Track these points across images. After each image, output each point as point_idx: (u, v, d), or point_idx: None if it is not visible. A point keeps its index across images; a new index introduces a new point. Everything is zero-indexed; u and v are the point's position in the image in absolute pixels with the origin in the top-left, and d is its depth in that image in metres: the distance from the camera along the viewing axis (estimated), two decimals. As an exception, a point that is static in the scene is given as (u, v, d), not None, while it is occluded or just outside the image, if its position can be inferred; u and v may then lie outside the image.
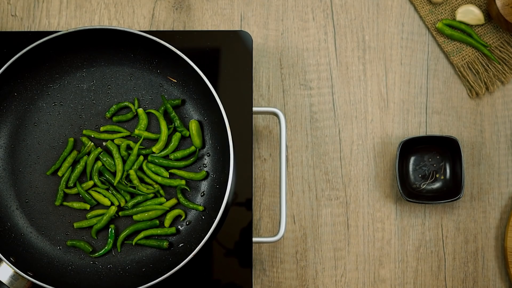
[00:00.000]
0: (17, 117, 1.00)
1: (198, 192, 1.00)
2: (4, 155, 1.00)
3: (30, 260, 0.96)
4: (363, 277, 1.05)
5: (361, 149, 1.07)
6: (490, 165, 1.07)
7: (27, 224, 0.99)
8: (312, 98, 1.07)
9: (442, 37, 1.08)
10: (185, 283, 0.99)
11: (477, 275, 1.06)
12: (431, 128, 1.07)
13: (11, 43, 1.00)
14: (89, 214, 0.99)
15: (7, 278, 0.94)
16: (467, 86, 1.08)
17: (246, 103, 1.00)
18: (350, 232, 1.06)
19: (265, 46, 1.08)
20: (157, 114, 0.99)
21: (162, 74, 1.01)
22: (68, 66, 1.00)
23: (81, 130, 1.01)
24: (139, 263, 0.99)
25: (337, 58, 1.08)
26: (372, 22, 1.09)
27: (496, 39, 1.08)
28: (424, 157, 1.06)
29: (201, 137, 1.00)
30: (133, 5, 1.08)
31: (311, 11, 1.09)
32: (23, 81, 0.99)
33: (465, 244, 1.06)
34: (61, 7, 1.08)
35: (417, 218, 1.06)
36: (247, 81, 1.01)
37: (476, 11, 1.07)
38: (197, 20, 1.08)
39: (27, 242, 0.98)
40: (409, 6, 1.09)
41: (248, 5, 1.09)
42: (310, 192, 1.06)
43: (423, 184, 1.06)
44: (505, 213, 1.06)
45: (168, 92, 1.01)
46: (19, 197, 0.99)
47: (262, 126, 1.07)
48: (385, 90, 1.08)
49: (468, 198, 1.06)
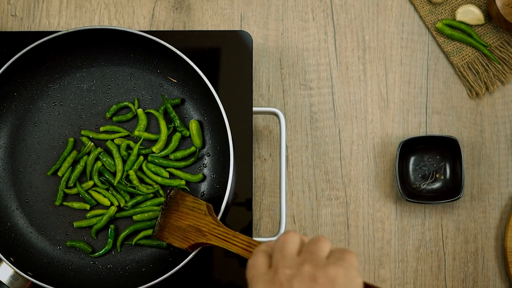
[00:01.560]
0: (17, 117, 1.00)
1: (198, 192, 1.00)
2: (4, 155, 1.00)
3: (30, 260, 0.96)
4: (363, 277, 1.05)
5: (361, 149, 1.07)
6: (490, 165, 1.07)
7: (27, 224, 0.99)
8: (312, 98, 1.07)
9: (442, 37, 1.08)
10: (185, 283, 0.99)
11: (477, 275, 1.06)
12: (431, 128, 1.07)
13: (11, 43, 1.00)
14: (89, 214, 0.99)
15: (7, 278, 0.94)
16: (467, 86, 1.08)
17: (246, 103, 1.00)
18: (350, 232, 1.06)
19: (265, 46, 1.08)
20: (157, 114, 0.99)
21: (162, 74, 1.01)
22: (68, 66, 1.00)
23: (81, 130, 1.01)
24: (139, 263, 0.99)
25: (337, 58, 1.08)
26: (372, 22, 1.09)
27: (496, 39, 1.08)
28: (424, 157, 1.06)
29: (201, 137, 1.00)
30: (133, 5, 1.08)
31: (311, 11, 1.09)
32: (23, 81, 0.99)
33: (465, 244, 1.06)
34: (61, 7, 1.08)
35: (417, 218, 1.06)
36: (247, 81, 1.01)
37: (476, 11, 1.07)
38: (197, 20, 1.08)
39: (27, 242, 0.98)
40: (409, 6, 1.09)
41: (248, 5, 1.09)
42: (310, 192, 1.06)
43: (423, 184, 1.06)
44: (505, 213, 1.06)
45: (168, 92, 1.01)
46: (19, 197, 0.99)
47: (262, 126, 1.07)
48: (385, 90, 1.08)
49: (468, 198, 1.06)
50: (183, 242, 0.89)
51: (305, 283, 0.61)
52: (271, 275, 0.64)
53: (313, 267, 0.62)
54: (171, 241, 0.91)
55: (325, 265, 0.62)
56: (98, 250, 0.99)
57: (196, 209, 0.89)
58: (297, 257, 0.65)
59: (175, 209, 0.91)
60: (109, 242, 0.98)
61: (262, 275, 0.65)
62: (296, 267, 0.63)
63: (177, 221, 0.91)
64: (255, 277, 0.65)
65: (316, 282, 0.61)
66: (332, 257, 0.64)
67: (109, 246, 0.98)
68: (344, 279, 0.61)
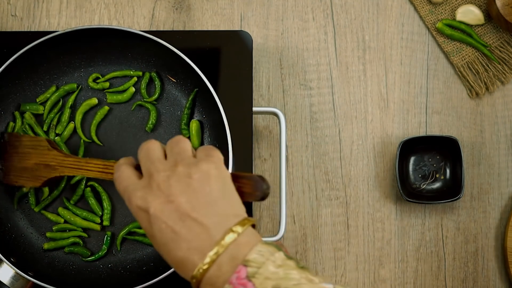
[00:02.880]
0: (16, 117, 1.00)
1: (198, 192, 1.00)
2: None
3: (31, 261, 0.96)
4: (363, 277, 1.05)
5: (361, 149, 1.07)
6: (490, 165, 1.07)
7: (27, 224, 0.99)
8: (312, 98, 1.07)
9: (442, 37, 1.08)
10: (185, 282, 0.99)
11: (477, 275, 1.06)
12: (431, 128, 1.07)
13: (11, 43, 1.00)
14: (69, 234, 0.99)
15: (8, 279, 0.94)
16: (467, 86, 1.08)
17: (246, 103, 1.00)
18: (350, 232, 1.06)
19: (265, 46, 1.08)
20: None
21: (161, 73, 1.01)
22: (66, 66, 1.00)
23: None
24: (140, 261, 0.99)
25: (337, 58, 1.08)
26: (372, 22, 1.09)
27: (496, 39, 1.08)
28: (424, 157, 1.06)
29: (200, 138, 1.00)
30: (133, 5, 1.08)
31: (311, 11, 1.09)
32: (21, 82, 0.99)
33: (465, 244, 1.06)
34: (61, 7, 1.08)
35: (417, 218, 1.06)
36: (247, 81, 1.01)
37: (476, 11, 1.06)
38: (197, 20, 1.08)
39: (27, 243, 0.98)
40: (409, 6, 1.09)
41: (248, 5, 1.09)
42: (310, 192, 1.06)
43: (423, 184, 1.06)
44: (505, 213, 1.06)
45: (167, 91, 1.01)
46: (19, 198, 0.99)
47: (262, 126, 1.07)
48: (385, 90, 1.08)
49: (468, 198, 1.06)
50: (35, 181, 0.89)
51: (182, 181, 0.64)
52: (146, 181, 0.66)
53: (185, 166, 0.65)
54: (22, 183, 0.90)
55: (196, 162, 0.66)
56: (95, 253, 0.98)
57: (38, 147, 0.89)
58: (166, 161, 0.67)
59: (15, 151, 0.91)
60: (103, 249, 0.98)
61: (136, 184, 0.67)
62: (170, 169, 0.65)
63: (21, 163, 0.90)
64: (129, 186, 0.67)
65: (192, 178, 0.64)
66: (200, 155, 0.67)
67: (102, 253, 0.97)
68: (216, 171, 0.65)
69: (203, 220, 0.63)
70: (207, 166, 0.65)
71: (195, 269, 0.63)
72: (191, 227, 0.63)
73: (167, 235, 0.64)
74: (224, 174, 0.66)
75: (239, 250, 0.62)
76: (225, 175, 0.67)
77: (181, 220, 0.63)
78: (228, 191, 0.66)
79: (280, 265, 0.62)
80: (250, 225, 0.66)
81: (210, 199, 0.64)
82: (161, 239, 0.64)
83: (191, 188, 0.64)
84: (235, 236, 0.63)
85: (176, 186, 0.64)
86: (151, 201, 0.64)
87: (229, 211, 0.65)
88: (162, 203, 0.64)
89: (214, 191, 0.65)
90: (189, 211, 0.63)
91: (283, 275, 0.61)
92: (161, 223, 0.64)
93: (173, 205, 0.64)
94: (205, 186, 0.64)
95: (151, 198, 0.65)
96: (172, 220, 0.64)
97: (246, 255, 0.62)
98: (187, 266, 0.64)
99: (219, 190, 0.65)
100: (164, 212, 0.64)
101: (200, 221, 0.63)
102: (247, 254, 0.62)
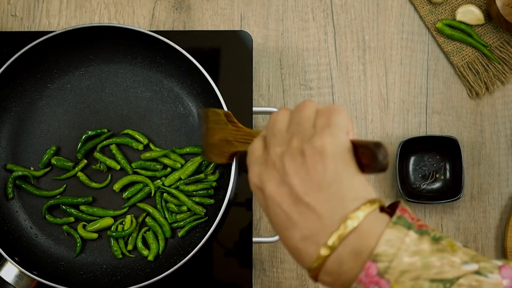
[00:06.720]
0: (17, 117, 1.00)
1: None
2: (4, 155, 1.00)
3: (35, 260, 0.96)
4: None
5: (361, 149, 1.07)
6: (490, 165, 1.07)
7: (30, 224, 0.99)
8: (312, 98, 1.07)
9: (442, 37, 1.08)
10: (185, 283, 0.99)
11: (477, 275, 1.05)
12: (431, 128, 1.07)
13: (11, 43, 1.00)
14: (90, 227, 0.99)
15: (12, 278, 0.94)
16: (467, 86, 1.08)
17: (246, 103, 1.00)
18: (350, 232, 1.06)
19: (265, 46, 1.08)
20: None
21: (162, 71, 1.01)
22: (66, 66, 1.00)
23: (81, 129, 1.00)
24: (144, 259, 0.99)
25: (337, 58, 1.08)
26: (372, 22, 1.09)
27: (496, 39, 1.08)
28: (424, 157, 1.06)
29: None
30: (133, 5, 1.08)
31: (311, 11, 1.09)
32: (22, 81, 0.99)
33: (465, 244, 1.06)
34: (61, 7, 1.08)
35: (417, 218, 1.06)
36: (247, 81, 1.01)
37: (476, 11, 1.07)
38: (197, 20, 1.08)
39: (30, 242, 0.98)
40: (409, 6, 1.09)
41: (248, 5, 1.09)
42: (310, 192, 1.06)
43: (423, 184, 1.06)
44: (505, 213, 1.06)
45: (168, 89, 1.01)
46: (21, 197, 0.99)
47: (262, 126, 1.07)
48: (385, 90, 1.08)
49: (468, 198, 1.06)
50: (222, 157, 0.86)
51: (296, 159, 0.59)
52: (264, 157, 0.62)
53: (299, 140, 0.60)
54: (214, 160, 0.89)
55: (311, 136, 0.59)
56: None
57: (219, 121, 0.85)
58: (286, 133, 0.62)
59: (206, 127, 0.90)
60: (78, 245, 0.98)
61: (257, 159, 0.63)
62: (286, 143, 0.61)
63: (210, 139, 0.88)
64: (252, 162, 0.64)
65: (305, 156, 0.59)
66: (319, 124, 0.61)
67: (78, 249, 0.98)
68: (332, 148, 0.58)
69: (316, 206, 0.57)
70: (321, 142, 0.58)
71: (310, 262, 0.58)
72: (304, 213, 0.58)
73: (282, 221, 0.60)
74: (341, 149, 0.59)
75: (362, 242, 0.56)
76: (343, 150, 0.59)
77: (295, 205, 0.59)
78: (345, 170, 0.58)
79: (415, 252, 0.55)
80: (376, 208, 0.58)
81: (323, 181, 0.58)
82: (277, 224, 0.60)
83: (304, 168, 0.58)
84: (354, 225, 0.56)
85: (289, 165, 0.59)
86: (266, 181, 0.61)
87: (346, 194, 0.57)
88: (276, 184, 0.60)
89: (328, 172, 0.58)
90: (302, 195, 0.58)
91: (421, 265, 0.54)
92: (276, 206, 0.60)
93: (287, 188, 0.59)
94: (318, 165, 0.58)
95: (266, 177, 0.61)
96: (286, 205, 0.59)
97: (372, 248, 0.55)
98: (302, 258, 0.59)
99: (333, 171, 0.58)
100: (279, 195, 0.59)
101: (312, 207, 0.57)
102: (373, 246, 0.55)
